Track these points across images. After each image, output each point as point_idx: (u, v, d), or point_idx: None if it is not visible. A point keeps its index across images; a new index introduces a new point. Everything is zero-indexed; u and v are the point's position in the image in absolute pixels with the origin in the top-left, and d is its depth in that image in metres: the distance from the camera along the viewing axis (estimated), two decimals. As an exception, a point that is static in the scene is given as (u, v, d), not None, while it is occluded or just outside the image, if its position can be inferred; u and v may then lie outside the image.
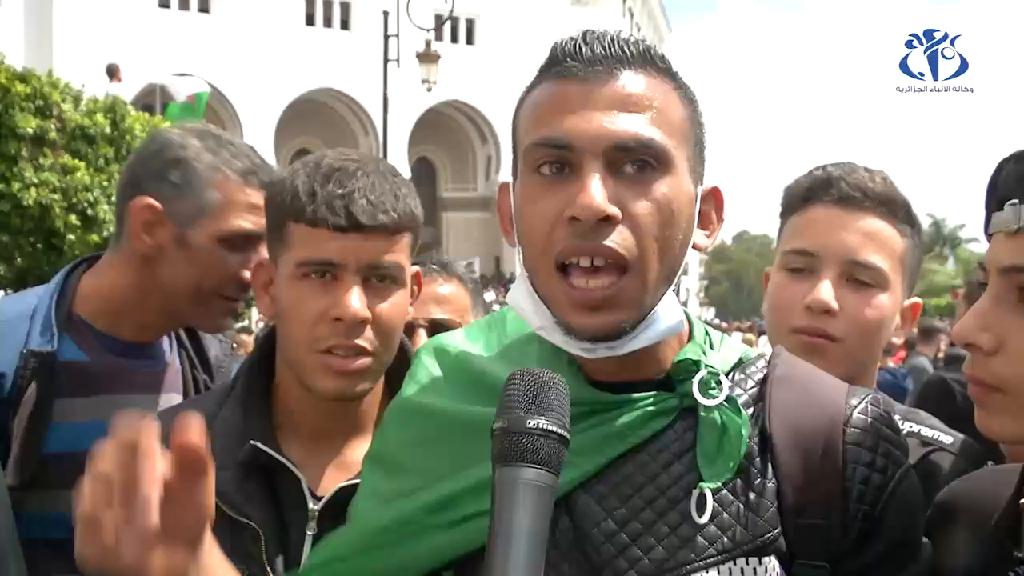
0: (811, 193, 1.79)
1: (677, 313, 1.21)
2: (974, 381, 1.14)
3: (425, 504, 1.22)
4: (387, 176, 1.55)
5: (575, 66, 1.17)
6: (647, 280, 1.15)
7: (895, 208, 1.75)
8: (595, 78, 1.16)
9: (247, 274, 1.91)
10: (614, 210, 1.12)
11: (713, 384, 1.20)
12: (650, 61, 1.20)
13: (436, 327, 2.10)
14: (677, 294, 1.23)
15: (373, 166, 1.56)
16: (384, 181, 1.54)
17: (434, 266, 2.31)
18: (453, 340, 1.38)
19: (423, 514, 1.22)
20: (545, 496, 0.97)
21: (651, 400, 1.21)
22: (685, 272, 1.23)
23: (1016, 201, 1.07)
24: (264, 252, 1.91)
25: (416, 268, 1.66)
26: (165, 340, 2.12)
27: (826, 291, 1.71)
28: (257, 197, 1.91)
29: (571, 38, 1.20)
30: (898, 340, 1.83)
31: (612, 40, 1.19)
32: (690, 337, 1.29)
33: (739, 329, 25.00)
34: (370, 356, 1.53)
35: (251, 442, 1.52)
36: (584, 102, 1.15)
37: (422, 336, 2.12)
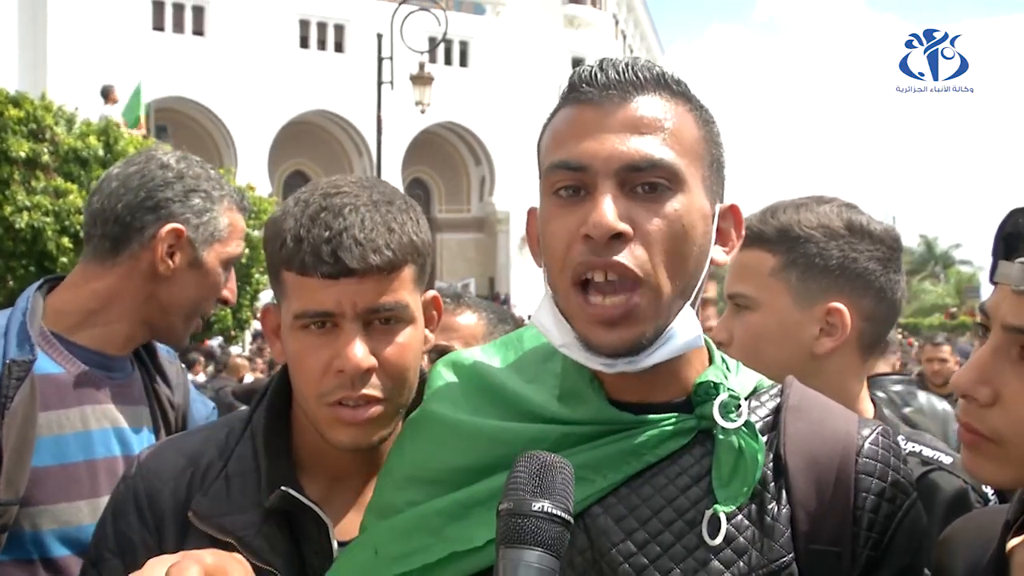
0: None
1: (695, 328, 1.23)
2: (968, 429, 1.16)
3: (438, 509, 1.25)
4: (380, 207, 1.44)
5: (590, 92, 1.22)
6: (661, 294, 1.18)
7: (764, 236, 1.90)
8: (609, 102, 1.21)
9: (226, 293, 2.10)
10: (624, 227, 1.16)
11: (733, 408, 1.23)
12: (664, 85, 1.24)
13: (441, 354, 2.08)
14: (696, 311, 1.25)
15: (366, 197, 1.45)
16: (375, 213, 1.42)
17: (446, 299, 2.29)
18: (470, 355, 1.41)
19: (436, 518, 1.24)
20: (551, 569, 0.99)
21: (670, 420, 1.22)
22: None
23: None
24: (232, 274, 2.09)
25: (433, 293, 1.57)
26: None
27: (718, 327, 1.96)
28: (244, 222, 2.14)
29: (588, 66, 1.25)
30: (820, 350, 1.84)
31: (626, 66, 1.23)
32: (711, 361, 1.31)
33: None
34: (381, 403, 1.44)
35: (282, 488, 1.45)
36: (598, 126, 1.20)
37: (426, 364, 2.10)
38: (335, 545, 1.45)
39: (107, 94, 17.26)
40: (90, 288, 2.01)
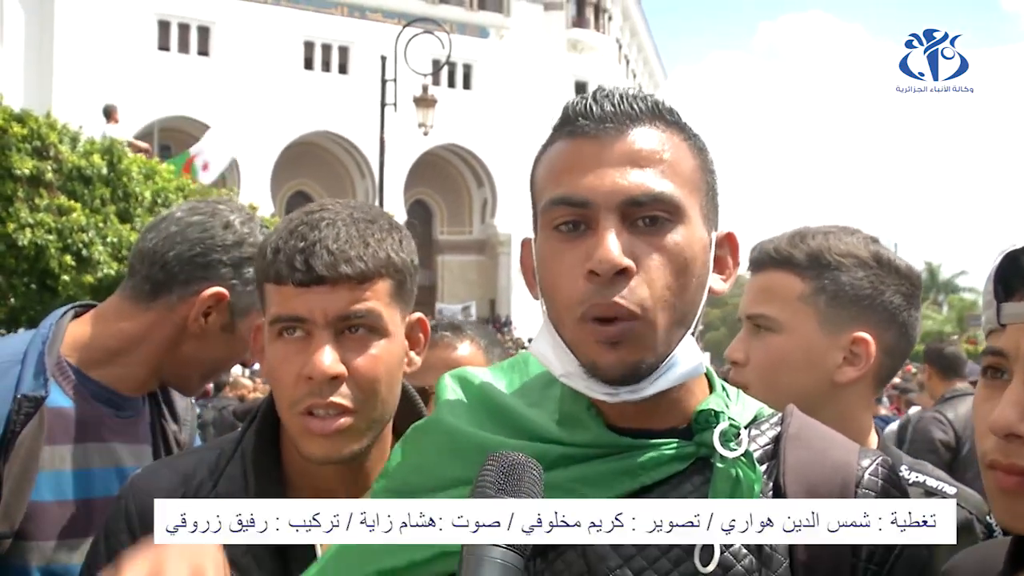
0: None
1: (696, 356, 1.22)
2: (1012, 471, 1.12)
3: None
4: (359, 223, 1.49)
5: (587, 125, 1.21)
6: (656, 327, 1.18)
7: (793, 260, 1.88)
8: (606, 135, 1.20)
9: (248, 356, 2.02)
10: (629, 263, 1.16)
11: (732, 436, 1.22)
12: (659, 115, 1.24)
13: None
14: (696, 338, 1.25)
15: (346, 214, 1.50)
16: (352, 228, 1.47)
17: (446, 332, 2.29)
18: (477, 372, 1.41)
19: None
20: (514, 566, 1.00)
21: (668, 445, 1.22)
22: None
23: None
24: None
25: (419, 315, 1.60)
26: None
27: (732, 346, 1.95)
28: None
29: (582, 97, 1.25)
30: (841, 379, 1.83)
31: (621, 98, 1.23)
32: (711, 389, 1.31)
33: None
34: (351, 414, 1.46)
35: None
36: (597, 160, 1.19)
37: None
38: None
39: (109, 114, 17.18)
40: (118, 327, 1.96)
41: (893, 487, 1.26)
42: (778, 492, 1.22)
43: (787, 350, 1.86)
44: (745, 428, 1.25)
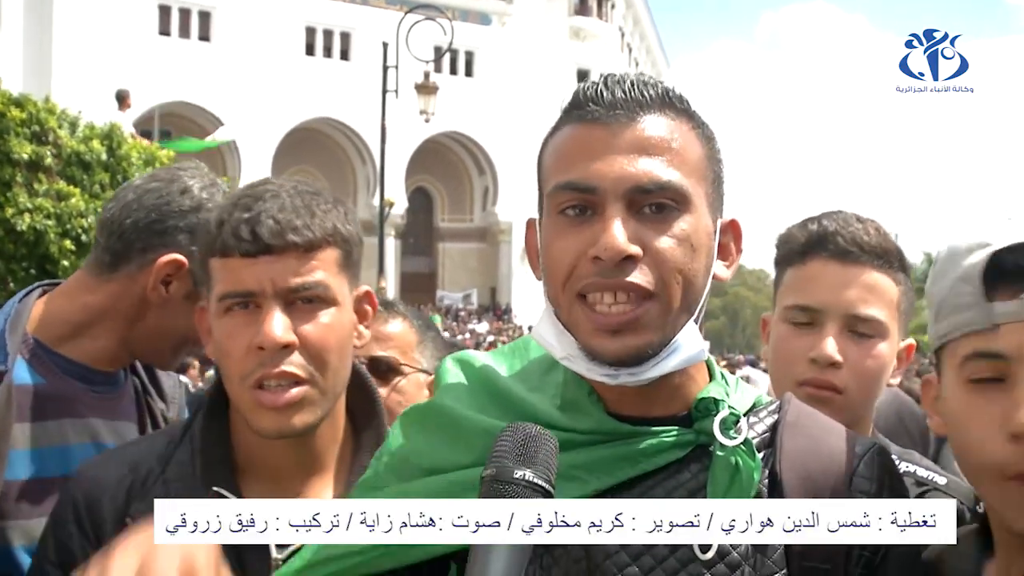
0: (808, 247, 1.83)
1: (698, 343, 1.23)
2: None
3: (429, 487, 1.24)
4: (303, 195, 1.48)
5: (597, 111, 1.22)
6: (670, 308, 1.19)
7: (890, 259, 1.80)
8: (616, 122, 1.21)
9: None
10: (636, 249, 1.16)
11: (732, 424, 1.23)
12: (668, 103, 1.24)
13: (376, 364, 2.09)
14: (699, 326, 1.25)
15: (290, 187, 1.49)
16: (297, 199, 1.46)
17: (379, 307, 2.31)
18: (478, 356, 1.42)
19: (426, 495, 1.22)
20: (523, 545, 1.02)
21: (668, 432, 1.23)
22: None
23: None
24: None
25: (366, 288, 1.60)
26: None
27: (831, 346, 1.76)
28: None
29: (593, 83, 1.25)
30: (894, 381, 1.87)
31: (632, 84, 1.23)
32: (711, 377, 1.31)
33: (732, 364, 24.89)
34: (305, 384, 1.45)
35: (215, 488, 1.46)
36: (606, 147, 1.20)
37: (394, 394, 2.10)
38: (272, 547, 1.45)
39: (122, 99, 16.94)
40: (82, 300, 1.93)
41: (887, 473, 1.28)
42: (774, 479, 1.24)
43: (889, 357, 1.81)
44: (744, 416, 1.27)
